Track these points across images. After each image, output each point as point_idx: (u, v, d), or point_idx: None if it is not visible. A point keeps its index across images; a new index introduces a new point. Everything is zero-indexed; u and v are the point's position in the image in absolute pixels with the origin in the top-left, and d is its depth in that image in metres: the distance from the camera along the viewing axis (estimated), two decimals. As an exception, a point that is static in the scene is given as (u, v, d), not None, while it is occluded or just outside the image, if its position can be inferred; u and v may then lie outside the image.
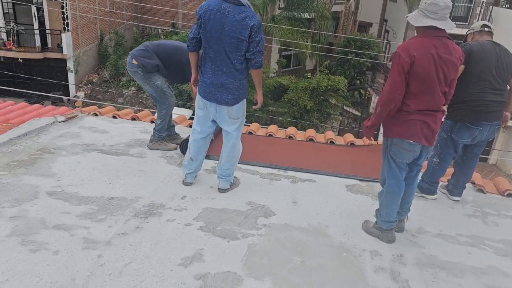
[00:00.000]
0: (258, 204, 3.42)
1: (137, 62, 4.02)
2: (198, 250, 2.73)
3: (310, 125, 15.16)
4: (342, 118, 18.57)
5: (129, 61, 4.10)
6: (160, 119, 4.27)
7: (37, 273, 2.37)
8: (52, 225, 2.84)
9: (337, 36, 20.30)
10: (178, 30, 23.78)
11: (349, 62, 18.02)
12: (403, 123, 2.79)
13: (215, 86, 3.27)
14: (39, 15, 19.24)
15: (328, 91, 15.66)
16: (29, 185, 3.34)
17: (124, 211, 3.12)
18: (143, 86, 4.17)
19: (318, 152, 4.88)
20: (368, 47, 18.13)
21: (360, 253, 2.87)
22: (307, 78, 17.13)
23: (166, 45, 4.20)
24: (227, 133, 3.51)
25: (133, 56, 4.07)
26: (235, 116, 3.41)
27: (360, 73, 18.94)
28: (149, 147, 4.36)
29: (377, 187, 3.94)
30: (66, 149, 4.14)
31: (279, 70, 19.35)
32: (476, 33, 3.60)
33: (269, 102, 16.62)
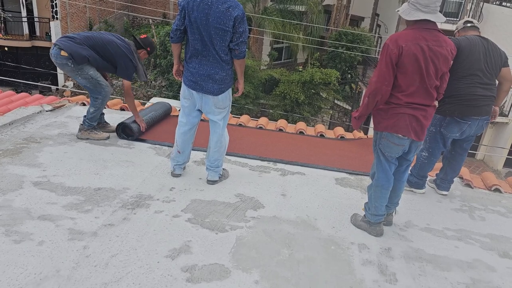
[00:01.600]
0: (247, 197, 3.40)
1: (67, 54, 3.80)
2: (186, 242, 2.71)
3: (300, 118, 15.17)
4: (332, 112, 18.60)
5: (56, 53, 3.83)
6: (94, 107, 4.11)
7: (21, 264, 2.32)
8: (37, 216, 2.79)
9: (329, 30, 20.25)
10: (169, 20, 23.53)
11: (340, 56, 18.01)
12: (392, 116, 2.78)
13: (201, 76, 3.24)
14: (27, 3, 18.89)
15: (320, 84, 15.66)
16: (14, 175, 3.28)
17: (111, 202, 3.08)
18: (75, 78, 3.98)
19: (308, 145, 4.87)
20: (360, 41, 18.13)
21: (348, 246, 2.88)
22: (298, 71, 17.10)
23: (97, 38, 4.00)
24: (214, 123, 3.48)
25: (61, 47, 3.81)
26: (221, 105, 3.40)
27: (351, 67, 18.94)
28: (78, 136, 4.15)
29: (366, 180, 3.95)
30: (52, 138, 4.08)
31: (270, 63, 19.28)
32: (460, 31, 3.61)
33: (260, 95, 16.58)
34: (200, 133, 4.80)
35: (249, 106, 15.43)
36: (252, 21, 17.99)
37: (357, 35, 18.21)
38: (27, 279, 2.23)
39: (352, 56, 17.93)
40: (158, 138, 4.39)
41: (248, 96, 15.52)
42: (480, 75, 3.39)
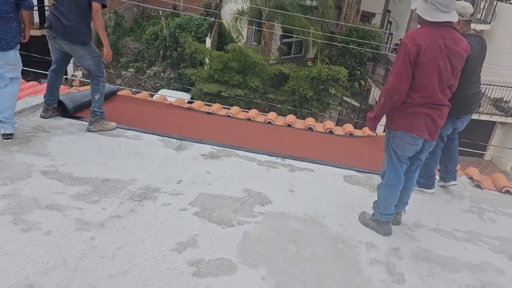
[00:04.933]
0: (255, 192, 3.38)
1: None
2: (193, 235, 2.70)
3: (309, 114, 15.10)
4: (341, 108, 18.49)
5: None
6: (99, 92, 4.03)
7: (28, 253, 2.33)
8: (45, 205, 2.79)
9: (339, 25, 20.08)
10: (179, 12, 23.46)
11: (350, 52, 17.86)
12: (407, 115, 2.73)
13: None
14: (36, -11, 18.91)
15: (329, 81, 15.55)
16: (22, 163, 3.28)
17: (119, 193, 3.08)
18: (84, 60, 3.95)
19: (317, 141, 4.83)
20: (370, 37, 17.95)
21: (356, 245, 2.85)
22: (308, 67, 16.99)
23: None
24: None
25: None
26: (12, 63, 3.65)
27: (360, 64, 18.78)
28: (91, 130, 4.04)
29: (375, 179, 3.91)
30: (61, 128, 4.08)
31: (279, 58, 19.16)
32: (464, 23, 3.42)
33: (269, 90, 16.51)
34: (209, 127, 4.79)
35: (257, 101, 15.37)
36: (262, 15, 17.89)
37: (368, 31, 18.04)
38: (34, 268, 2.23)
39: (362, 52, 17.78)
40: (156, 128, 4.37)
41: (256, 90, 15.46)
42: (477, 75, 3.47)
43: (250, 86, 15.18)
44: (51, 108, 4.23)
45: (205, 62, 16.91)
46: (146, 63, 19.96)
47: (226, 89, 15.05)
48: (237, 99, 14.79)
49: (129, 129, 4.28)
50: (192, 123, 4.87)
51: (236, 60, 15.02)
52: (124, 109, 4.85)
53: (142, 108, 5.10)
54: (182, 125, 4.68)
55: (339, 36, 18.28)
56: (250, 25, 19.13)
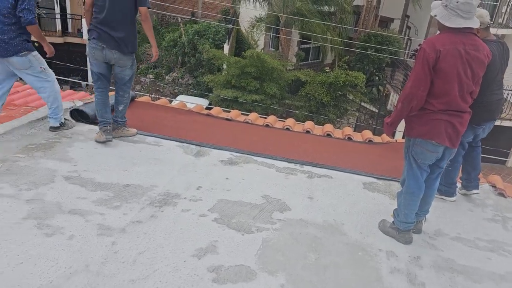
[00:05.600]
0: (274, 198, 3.38)
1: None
2: (212, 242, 2.71)
3: (326, 120, 15.03)
4: (358, 114, 18.35)
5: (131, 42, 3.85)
6: (123, 104, 4.11)
7: (52, 258, 2.37)
8: (68, 210, 2.85)
9: (357, 31, 19.99)
10: (198, 19, 23.71)
11: (369, 58, 17.75)
12: (426, 122, 2.70)
13: None
14: (60, 0, 19.39)
15: (346, 86, 15.48)
16: (46, 169, 3.36)
17: (140, 199, 3.12)
18: (127, 70, 3.96)
19: (335, 148, 4.81)
20: (389, 43, 17.81)
21: (376, 253, 2.82)
22: (325, 73, 16.96)
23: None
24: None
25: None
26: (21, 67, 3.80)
27: (379, 69, 18.64)
28: (113, 136, 4.05)
29: (394, 186, 3.87)
30: (83, 134, 4.16)
31: (297, 63, 19.17)
32: (482, 30, 3.38)
33: (286, 95, 16.52)
34: (227, 133, 4.81)
35: (274, 106, 15.39)
36: (280, 21, 17.95)
37: (386, 36, 17.91)
38: (57, 272, 2.27)
39: (380, 58, 17.65)
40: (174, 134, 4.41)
41: (273, 96, 15.49)
42: (498, 81, 3.41)
43: (267, 92, 15.23)
44: (110, 127, 4.04)
45: (222, 68, 17.04)
46: (165, 69, 20.21)
47: (243, 94, 15.12)
48: (254, 104, 14.84)
49: (149, 135, 4.34)
50: (211, 129, 4.90)
51: (253, 66, 15.09)
52: (144, 115, 4.92)
53: (162, 114, 5.17)
54: (201, 132, 4.72)
55: (357, 42, 18.20)
56: (268, 31, 19.21)
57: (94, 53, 3.81)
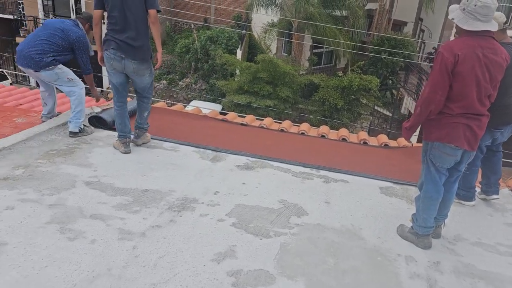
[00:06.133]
0: (291, 203, 3.39)
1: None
2: (231, 246, 2.73)
3: (340, 124, 14.99)
4: (372, 118, 18.26)
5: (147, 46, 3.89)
6: (148, 110, 4.13)
7: (75, 261, 2.42)
8: (89, 214, 2.90)
9: (370, 35, 19.93)
10: (210, 25, 23.90)
11: (382, 62, 17.67)
12: (445, 126, 2.70)
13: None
14: (76, 7, 19.72)
15: (360, 90, 15.42)
16: (67, 174, 3.42)
17: (158, 203, 3.16)
18: (147, 78, 3.97)
19: (351, 152, 4.81)
20: (402, 46, 17.72)
21: (395, 258, 2.81)
22: (338, 77, 16.93)
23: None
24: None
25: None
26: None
27: (392, 73, 18.54)
28: (137, 143, 4.11)
29: (412, 190, 3.85)
30: (102, 140, 4.22)
31: (310, 68, 19.17)
32: (499, 32, 3.36)
33: (299, 100, 16.52)
34: (243, 138, 4.84)
35: (288, 111, 15.40)
36: (293, 26, 17.98)
37: (400, 40, 17.82)
38: (81, 276, 2.31)
39: (394, 61, 17.56)
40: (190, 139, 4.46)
41: (287, 100, 15.50)
42: None
43: (280, 97, 15.24)
44: (129, 140, 4.06)
45: (235, 73, 17.13)
46: (178, 75, 20.39)
47: (256, 99, 15.17)
48: (267, 109, 14.87)
49: (166, 140, 4.39)
50: (226, 134, 4.94)
51: (265, 71, 15.14)
52: (160, 121, 4.98)
53: (178, 120, 5.23)
54: (217, 137, 4.76)
55: (370, 46, 18.14)
56: (280, 36, 19.26)
57: (112, 64, 3.81)
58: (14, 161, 3.51)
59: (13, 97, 5.53)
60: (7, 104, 5.13)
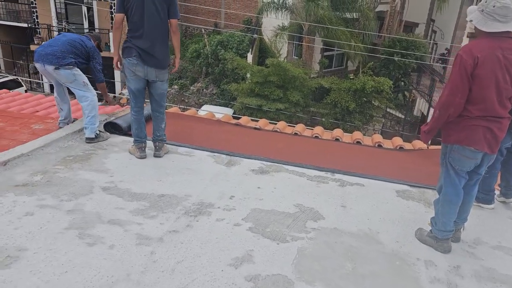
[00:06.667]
0: (307, 207, 3.38)
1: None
2: (248, 251, 2.73)
3: (352, 127, 14.92)
4: (384, 120, 18.13)
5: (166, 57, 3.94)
6: (165, 121, 4.13)
7: (95, 267, 2.43)
8: (107, 220, 2.92)
9: (381, 37, 19.83)
10: (221, 29, 24.01)
11: (394, 63, 17.56)
12: (464, 128, 2.66)
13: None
14: (89, 15, 20.00)
15: (372, 92, 15.34)
16: (84, 180, 3.45)
17: (175, 208, 3.17)
18: (165, 84, 4.02)
19: (366, 155, 4.77)
20: (414, 47, 17.59)
21: (414, 262, 2.77)
22: (350, 79, 16.86)
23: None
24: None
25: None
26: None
27: (405, 75, 18.42)
28: (160, 155, 4.08)
29: (429, 193, 3.81)
30: (118, 145, 4.26)
31: (321, 71, 19.14)
32: None
33: (310, 103, 16.49)
34: (257, 142, 4.84)
35: (299, 114, 15.38)
36: (303, 29, 17.98)
37: (412, 41, 17.69)
38: (100, 281, 2.33)
39: (406, 63, 17.43)
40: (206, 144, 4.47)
41: (298, 104, 15.49)
42: None
43: (291, 100, 15.23)
44: (145, 145, 4.07)
45: (246, 77, 17.17)
46: (190, 80, 20.51)
47: (267, 103, 15.18)
48: (278, 113, 14.87)
49: (180, 145, 4.41)
50: (240, 138, 4.95)
51: (276, 75, 15.16)
52: (174, 126, 5.00)
53: (191, 124, 5.25)
54: (231, 141, 4.77)
55: (382, 48, 18.05)
56: (291, 39, 19.27)
57: (135, 69, 3.81)
58: (33, 167, 3.55)
59: (29, 104, 5.62)
60: (24, 111, 5.21)
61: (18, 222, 2.78)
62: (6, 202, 3.00)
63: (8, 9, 21.44)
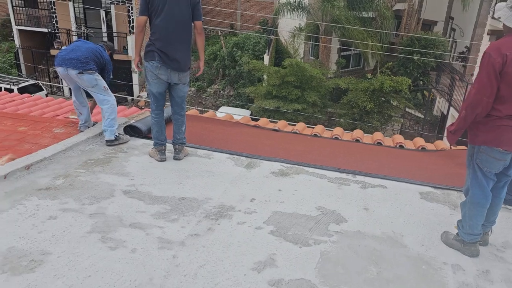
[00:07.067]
0: (328, 210, 3.33)
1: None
2: (270, 255, 2.70)
3: (370, 127, 14.75)
4: (403, 120, 17.89)
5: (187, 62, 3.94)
6: (185, 123, 4.13)
7: (117, 271, 2.43)
8: (128, 224, 2.92)
9: (399, 35, 19.58)
10: (237, 31, 24.06)
11: (413, 62, 17.31)
12: (492, 129, 2.58)
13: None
14: (107, 19, 20.26)
15: (390, 92, 15.15)
16: (105, 183, 3.47)
17: (196, 212, 3.16)
18: (187, 86, 4.04)
19: (387, 156, 4.69)
20: (433, 46, 17.31)
21: (441, 267, 2.70)
22: (367, 79, 16.69)
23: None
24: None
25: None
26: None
27: (423, 74, 18.14)
28: (181, 158, 4.09)
29: (453, 195, 3.72)
30: (138, 148, 4.28)
31: (338, 71, 18.99)
32: None
33: (328, 103, 16.37)
34: (276, 143, 4.80)
35: (317, 115, 15.28)
36: (320, 29, 17.87)
37: (431, 40, 17.41)
38: (123, 285, 2.32)
39: (425, 62, 17.16)
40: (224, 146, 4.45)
41: (315, 104, 15.39)
42: None
43: (308, 101, 15.15)
44: (165, 147, 4.08)
45: (263, 78, 17.15)
46: (206, 82, 20.60)
47: (285, 104, 15.13)
48: (296, 113, 14.81)
49: (200, 148, 4.41)
50: (259, 140, 4.92)
51: (293, 75, 15.10)
52: (193, 128, 5.00)
53: (210, 127, 5.25)
54: (250, 143, 4.75)
55: (400, 47, 17.82)
56: (307, 40, 19.18)
57: (158, 72, 3.80)
58: (55, 171, 3.59)
59: (51, 108, 5.71)
60: (46, 115, 5.28)
61: (42, 226, 2.80)
62: (30, 206, 3.03)
63: (29, 15, 21.89)
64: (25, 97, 6.28)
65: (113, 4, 19.80)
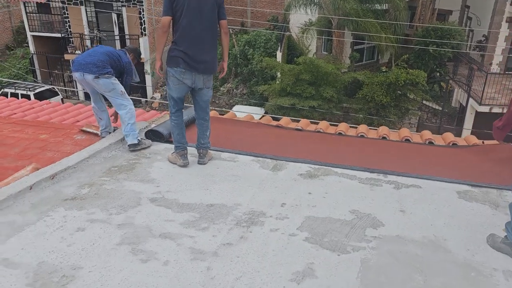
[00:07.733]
0: (363, 213, 3.18)
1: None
2: (308, 264, 2.57)
3: (387, 122, 14.48)
4: (421, 113, 17.54)
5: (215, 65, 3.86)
6: (209, 128, 4.04)
7: (151, 285, 2.33)
8: (158, 234, 2.82)
9: (413, 27, 19.20)
10: (247, 28, 23.90)
11: (429, 54, 16.95)
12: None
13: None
14: (119, 22, 20.29)
15: (407, 85, 14.84)
16: (131, 191, 3.38)
17: (225, 219, 3.04)
18: (211, 90, 3.96)
19: (417, 153, 4.51)
20: (450, 36, 16.91)
21: (491, 273, 2.54)
22: (382, 72, 16.39)
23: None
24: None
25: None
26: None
27: (440, 65, 17.76)
28: (205, 163, 3.97)
29: (493, 194, 3.55)
30: (160, 153, 4.18)
31: (352, 65, 18.72)
32: None
33: (343, 99, 16.14)
34: (300, 144, 4.66)
35: (332, 111, 15.07)
36: (332, 23, 17.63)
37: (447, 30, 17.02)
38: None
39: (441, 53, 16.78)
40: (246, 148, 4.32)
41: (331, 100, 15.18)
42: None
43: (324, 97, 14.94)
44: (187, 151, 3.96)
45: (276, 76, 16.97)
46: (219, 81, 20.50)
47: (300, 101, 14.95)
48: (312, 110, 14.62)
49: (223, 150, 4.30)
50: (282, 141, 4.78)
51: (308, 72, 14.91)
52: (214, 130, 4.86)
53: (231, 128, 5.13)
54: (273, 144, 4.61)
55: (415, 38, 17.46)
56: (320, 34, 18.93)
57: (182, 78, 3.68)
58: (80, 180, 3.51)
59: (70, 114, 5.65)
60: (65, 121, 5.22)
61: (71, 239, 2.72)
62: (57, 217, 2.95)
63: (42, 21, 22.05)
64: (44, 103, 6.24)
65: (125, 6, 19.81)
